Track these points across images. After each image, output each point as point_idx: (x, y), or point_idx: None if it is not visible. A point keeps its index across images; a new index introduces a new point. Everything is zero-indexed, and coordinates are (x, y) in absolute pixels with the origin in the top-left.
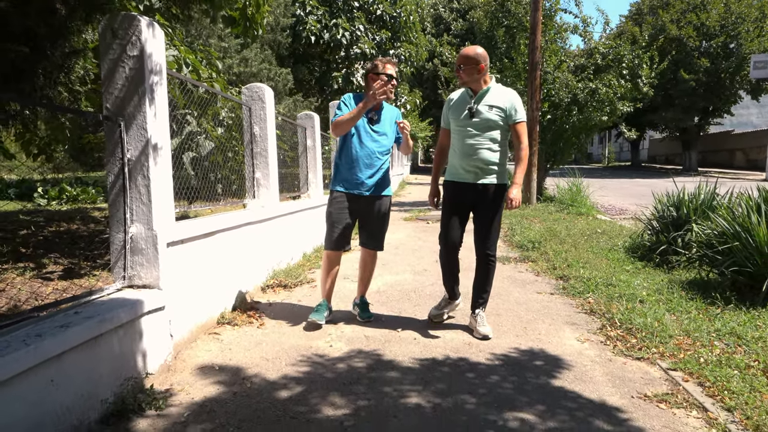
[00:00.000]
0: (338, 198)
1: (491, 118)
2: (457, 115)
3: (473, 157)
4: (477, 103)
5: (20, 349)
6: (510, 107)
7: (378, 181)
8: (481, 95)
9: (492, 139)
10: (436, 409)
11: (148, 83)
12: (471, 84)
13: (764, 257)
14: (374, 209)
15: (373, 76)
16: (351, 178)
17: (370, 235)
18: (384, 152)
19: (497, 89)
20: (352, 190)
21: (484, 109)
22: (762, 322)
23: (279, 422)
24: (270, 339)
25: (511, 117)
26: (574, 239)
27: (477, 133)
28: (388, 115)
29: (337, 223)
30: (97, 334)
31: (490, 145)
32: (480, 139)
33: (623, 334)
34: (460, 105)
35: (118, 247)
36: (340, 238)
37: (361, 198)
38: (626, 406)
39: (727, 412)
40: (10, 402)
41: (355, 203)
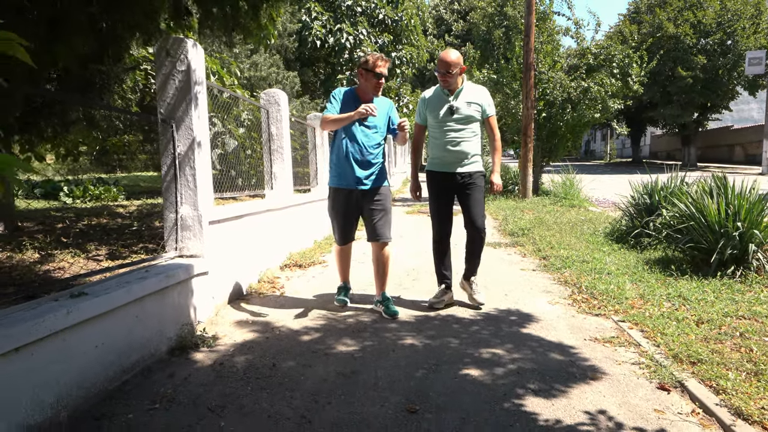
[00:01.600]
0: (337, 194)
1: (470, 114)
2: (436, 113)
3: (456, 148)
4: (456, 100)
5: (119, 290)
6: (485, 103)
7: (374, 174)
8: (458, 93)
9: (471, 132)
10: (427, 347)
11: (193, 92)
12: (454, 85)
13: (715, 234)
14: (374, 201)
15: (363, 71)
16: (347, 173)
17: (376, 227)
18: (377, 145)
19: (470, 87)
20: (350, 185)
21: (463, 106)
22: (708, 288)
23: (304, 355)
24: (291, 302)
25: (486, 111)
26: (560, 227)
27: (458, 128)
28: (381, 109)
29: (340, 218)
30: (164, 286)
31: (469, 137)
32: (461, 132)
33: (587, 297)
34: (437, 103)
35: (170, 224)
36: (347, 233)
37: (360, 192)
38: (578, 345)
39: (656, 347)
40: (115, 326)
41: (355, 197)
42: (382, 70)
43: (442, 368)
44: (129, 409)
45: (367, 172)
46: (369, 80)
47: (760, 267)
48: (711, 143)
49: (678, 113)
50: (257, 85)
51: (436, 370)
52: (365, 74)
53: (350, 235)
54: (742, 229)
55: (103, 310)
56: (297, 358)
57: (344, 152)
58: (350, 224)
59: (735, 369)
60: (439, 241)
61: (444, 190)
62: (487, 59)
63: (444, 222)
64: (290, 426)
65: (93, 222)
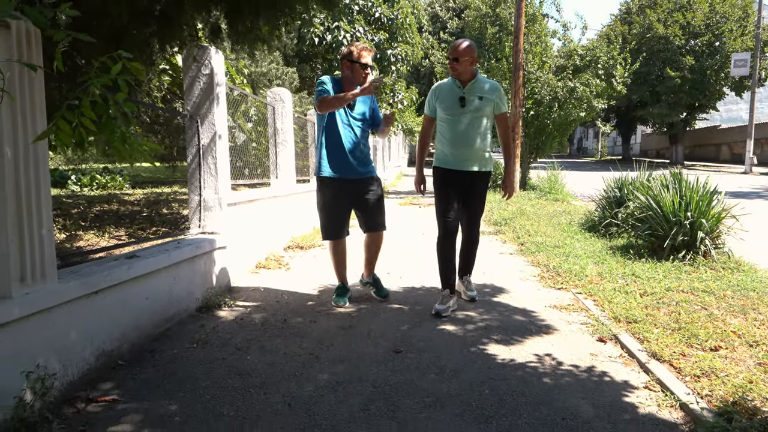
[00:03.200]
0: (328, 183)
1: (481, 108)
2: (446, 105)
3: (464, 145)
4: (468, 94)
5: (161, 255)
6: (497, 98)
7: (364, 163)
8: (470, 86)
9: (481, 128)
10: (412, 309)
11: (215, 92)
12: (463, 75)
13: (669, 223)
14: (367, 190)
15: (348, 63)
16: (341, 163)
17: (370, 217)
18: (365, 135)
19: (484, 81)
20: (342, 174)
21: (475, 99)
22: (660, 269)
23: (309, 314)
24: (295, 276)
25: (498, 107)
26: (540, 218)
27: (468, 123)
28: (365, 99)
29: (333, 210)
30: (194, 255)
31: (479, 134)
32: (470, 128)
33: (553, 275)
34: (448, 95)
35: (194, 205)
36: (339, 226)
37: (353, 181)
38: (539, 310)
39: (602, 311)
40: (159, 284)
41: (348, 187)
42: (367, 60)
43: (423, 324)
44: (173, 347)
45: (360, 162)
46: (356, 71)
47: (707, 252)
48: (698, 142)
49: (666, 112)
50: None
51: (419, 326)
52: (350, 65)
53: (345, 228)
54: (692, 219)
55: (151, 270)
56: (303, 316)
57: (337, 141)
58: (344, 215)
59: (661, 327)
60: (443, 238)
61: (450, 187)
62: (479, 58)
63: (451, 223)
64: (302, 360)
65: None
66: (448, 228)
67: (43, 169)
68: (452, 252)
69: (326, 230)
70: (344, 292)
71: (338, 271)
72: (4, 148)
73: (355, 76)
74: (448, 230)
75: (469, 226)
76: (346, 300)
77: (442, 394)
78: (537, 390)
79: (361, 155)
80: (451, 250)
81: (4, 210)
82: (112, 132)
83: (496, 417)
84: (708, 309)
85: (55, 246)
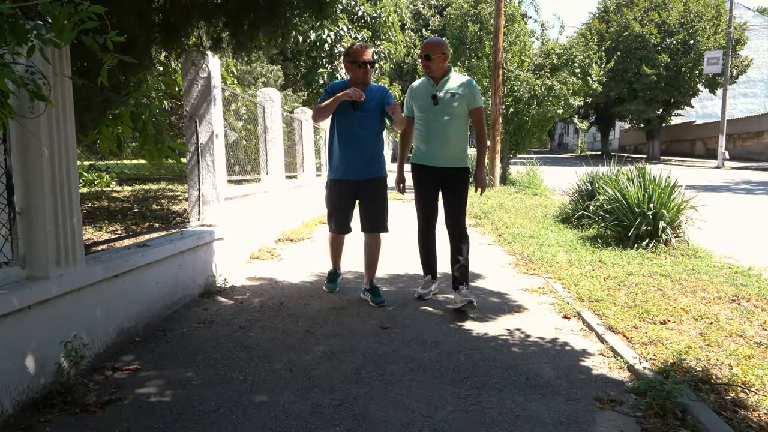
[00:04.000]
0: (334, 185)
1: (454, 105)
2: (421, 103)
3: (438, 142)
4: (440, 91)
5: (168, 244)
6: (470, 94)
7: (372, 164)
8: (443, 83)
9: (455, 125)
10: (398, 292)
11: (212, 94)
12: (436, 72)
13: (634, 214)
14: (372, 191)
15: (348, 64)
16: (345, 164)
17: (372, 217)
18: (374, 134)
19: (457, 77)
20: (348, 176)
21: (447, 96)
22: (624, 256)
23: (303, 298)
24: (288, 266)
25: (471, 103)
26: (518, 211)
27: (441, 119)
28: (374, 97)
29: (338, 209)
30: (196, 245)
31: (453, 130)
32: (444, 124)
33: (527, 262)
34: (423, 93)
35: (193, 200)
36: (343, 223)
37: (358, 182)
38: (512, 293)
39: (568, 293)
40: (167, 271)
41: (353, 188)
42: (366, 58)
43: (407, 306)
44: (182, 326)
45: (365, 163)
46: (355, 71)
47: (668, 240)
48: (674, 138)
49: (643, 109)
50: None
51: (404, 307)
52: (351, 66)
53: (348, 226)
54: (655, 210)
55: (161, 257)
56: (298, 300)
57: (342, 144)
58: (348, 215)
59: (619, 305)
60: (423, 234)
61: (427, 183)
62: (460, 57)
63: (428, 215)
64: (299, 335)
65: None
66: (426, 221)
67: (73, 167)
68: (431, 242)
69: (331, 224)
70: (335, 277)
71: (333, 258)
72: (42, 149)
73: (356, 75)
74: (427, 223)
75: (453, 224)
76: (337, 285)
77: (423, 361)
78: (506, 357)
79: (370, 154)
80: (430, 241)
81: (42, 202)
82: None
83: (470, 378)
84: (663, 290)
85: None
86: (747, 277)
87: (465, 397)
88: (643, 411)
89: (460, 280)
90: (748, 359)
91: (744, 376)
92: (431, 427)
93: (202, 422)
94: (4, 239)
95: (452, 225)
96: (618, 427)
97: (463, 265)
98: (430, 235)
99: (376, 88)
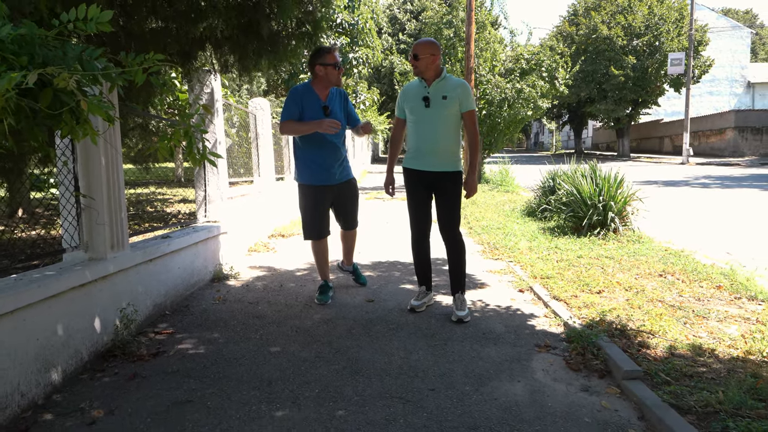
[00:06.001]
0: (310, 190)
1: (446, 107)
2: (412, 105)
3: (430, 145)
4: (432, 93)
5: (185, 236)
6: (462, 97)
7: (343, 167)
8: (435, 85)
9: (447, 127)
10: (380, 276)
11: (216, 107)
12: (426, 74)
13: (587, 206)
14: (345, 193)
15: (322, 67)
16: (319, 171)
17: (346, 217)
18: (343, 140)
19: (449, 80)
20: (322, 182)
21: (438, 99)
22: (577, 242)
23: (300, 281)
24: (283, 257)
25: (464, 105)
26: (488, 206)
27: (432, 122)
28: (336, 101)
29: (314, 214)
30: (206, 237)
31: (445, 134)
32: (435, 127)
33: (492, 249)
34: (415, 95)
35: (200, 199)
36: (321, 227)
37: (332, 187)
38: (477, 274)
39: (524, 272)
40: (185, 258)
41: (327, 192)
42: (338, 60)
43: (388, 285)
44: (201, 303)
45: (338, 167)
46: (330, 72)
47: (616, 228)
48: (643, 135)
49: (612, 108)
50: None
51: (385, 286)
52: (324, 68)
53: (326, 229)
54: (604, 202)
55: (182, 246)
56: (295, 282)
57: (315, 150)
58: (325, 218)
59: (565, 281)
60: (417, 240)
61: (419, 187)
62: None
63: (420, 222)
64: (299, 308)
65: None
66: (419, 228)
67: (120, 172)
68: (425, 251)
69: (307, 231)
70: (327, 289)
71: (321, 269)
72: (100, 158)
73: (330, 78)
74: (420, 230)
75: (446, 229)
76: (329, 297)
77: (401, 323)
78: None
79: (338, 161)
80: (425, 250)
81: (100, 200)
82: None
83: (438, 334)
84: (604, 268)
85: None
86: (677, 257)
87: (434, 346)
88: (570, 352)
89: (455, 288)
90: (659, 317)
91: (651, 327)
92: (408, 365)
93: (232, 365)
94: (74, 229)
95: (446, 232)
96: (549, 363)
97: (459, 272)
98: (424, 243)
99: (335, 90)
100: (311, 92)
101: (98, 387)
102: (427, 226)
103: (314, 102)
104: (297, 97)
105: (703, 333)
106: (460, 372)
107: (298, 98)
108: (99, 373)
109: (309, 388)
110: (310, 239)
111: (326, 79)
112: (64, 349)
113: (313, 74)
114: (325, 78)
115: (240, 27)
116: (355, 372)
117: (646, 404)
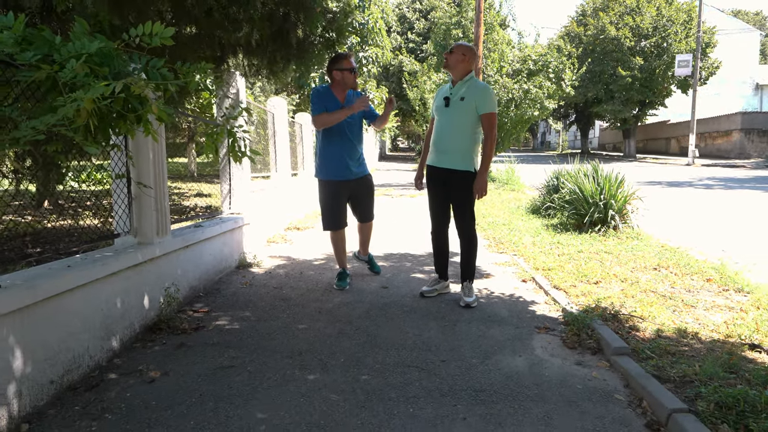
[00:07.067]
0: (329, 185)
1: (461, 108)
2: (437, 105)
3: (443, 143)
4: (453, 94)
5: (215, 226)
6: (478, 99)
7: (360, 164)
8: (458, 86)
9: (461, 127)
10: (392, 266)
11: (240, 106)
12: (453, 72)
13: (588, 204)
14: (361, 188)
15: (338, 72)
16: (338, 167)
17: (362, 210)
18: (361, 137)
19: (472, 83)
20: (340, 177)
21: (457, 100)
22: (579, 238)
23: (318, 269)
24: (299, 247)
25: (480, 107)
26: (495, 203)
27: (448, 121)
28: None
29: (333, 207)
30: (233, 227)
31: (458, 133)
32: (450, 126)
33: (498, 244)
34: (440, 94)
35: (225, 192)
36: (339, 219)
37: (350, 182)
38: (484, 265)
39: (527, 264)
40: (215, 246)
41: (345, 187)
42: (354, 65)
43: (401, 274)
44: (230, 287)
45: (355, 163)
46: (347, 77)
47: (616, 226)
48: (650, 136)
49: (619, 109)
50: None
51: (398, 275)
52: (341, 73)
53: (344, 221)
54: (605, 201)
55: (212, 235)
56: (314, 270)
57: (334, 147)
58: (343, 211)
59: (566, 272)
60: (434, 232)
61: (436, 183)
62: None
63: (438, 215)
64: (320, 292)
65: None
66: (436, 221)
67: (164, 165)
68: (441, 243)
69: (326, 222)
70: (344, 276)
71: (339, 257)
72: (149, 153)
73: (347, 81)
74: (437, 223)
75: (459, 225)
76: (346, 284)
77: (414, 307)
78: (476, 305)
79: (355, 157)
80: (441, 242)
81: (149, 190)
82: (234, 144)
83: (448, 316)
84: (603, 262)
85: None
86: (672, 253)
87: (444, 326)
88: (566, 333)
89: (465, 276)
90: (650, 304)
91: (642, 313)
92: (421, 341)
93: (266, 338)
94: (126, 216)
95: (458, 226)
96: (547, 342)
97: (469, 263)
98: (442, 235)
99: (351, 93)
100: (330, 95)
101: (151, 354)
102: (443, 219)
103: (334, 104)
104: (321, 96)
105: (690, 319)
106: (467, 347)
107: (322, 97)
108: (149, 343)
109: (335, 358)
110: (329, 230)
111: (343, 82)
112: (121, 320)
113: (331, 78)
114: (342, 82)
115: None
116: (375, 346)
117: (631, 374)
